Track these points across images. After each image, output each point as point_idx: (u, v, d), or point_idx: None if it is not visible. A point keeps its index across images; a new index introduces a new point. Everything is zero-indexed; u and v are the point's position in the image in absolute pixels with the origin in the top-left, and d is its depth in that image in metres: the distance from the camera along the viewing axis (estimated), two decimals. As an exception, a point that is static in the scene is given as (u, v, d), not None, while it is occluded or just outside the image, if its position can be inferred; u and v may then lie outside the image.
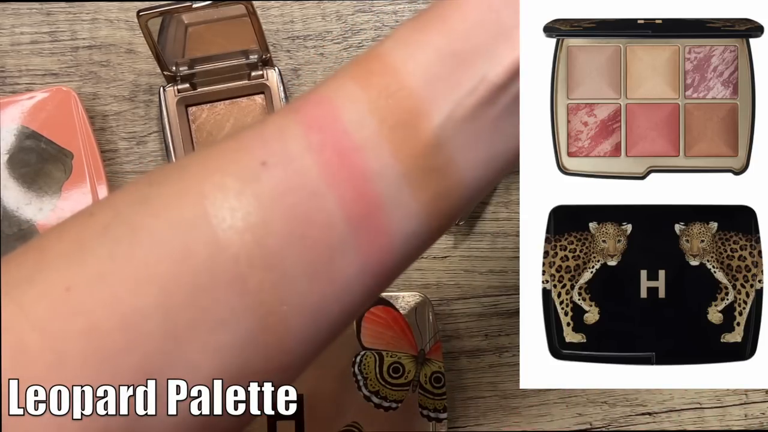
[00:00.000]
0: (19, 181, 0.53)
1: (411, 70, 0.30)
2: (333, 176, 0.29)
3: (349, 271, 0.30)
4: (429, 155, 0.29)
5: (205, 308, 0.28)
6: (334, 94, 0.30)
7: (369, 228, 0.29)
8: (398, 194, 0.29)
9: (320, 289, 0.29)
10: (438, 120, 0.29)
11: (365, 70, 0.30)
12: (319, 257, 0.29)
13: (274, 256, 0.29)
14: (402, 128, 0.29)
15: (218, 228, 0.28)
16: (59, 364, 0.27)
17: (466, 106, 0.30)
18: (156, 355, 0.28)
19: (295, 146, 0.29)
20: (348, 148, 0.29)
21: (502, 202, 0.56)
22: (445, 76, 0.29)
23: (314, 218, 0.29)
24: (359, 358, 0.53)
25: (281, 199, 0.29)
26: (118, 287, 0.28)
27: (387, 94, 0.29)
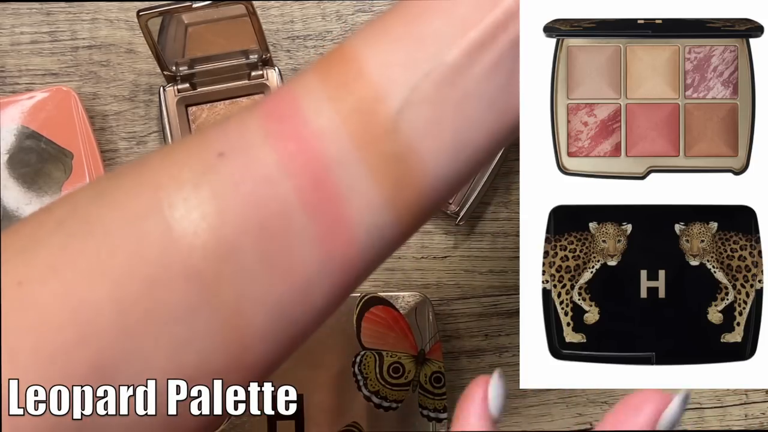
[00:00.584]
0: (19, 181, 0.53)
1: (369, 56, 0.29)
2: (290, 164, 0.28)
3: (311, 264, 0.29)
4: (388, 141, 0.29)
5: (159, 301, 0.27)
6: (295, 86, 0.30)
7: (328, 217, 0.29)
8: (358, 182, 0.29)
9: (280, 283, 0.29)
10: (395, 105, 0.29)
11: (326, 63, 0.30)
12: (279, 248, 0.28)
13: (230, 246, 0.28)
14: (359, 113, 0.29)
15: (172, 219, 0.28)
16: (10, 361, 0.26)
17: (423, 89, 0.29)
18: (109, 349, 0.27)
19: (254, 136, 0.29)
20: (306, 135, 0.29)
21: (502, 202, 0.56)
22: (402, 62, 0.29)
23: (271, 206, 0.28)
24: (359, 358, 0.53)
25: (237, 188, 0.28)
26: (70, 280, 0.27)
27: (345, 81, 0.29)
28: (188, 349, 0.28)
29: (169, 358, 0.28)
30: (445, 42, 0.29)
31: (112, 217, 0.28)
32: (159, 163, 0.29)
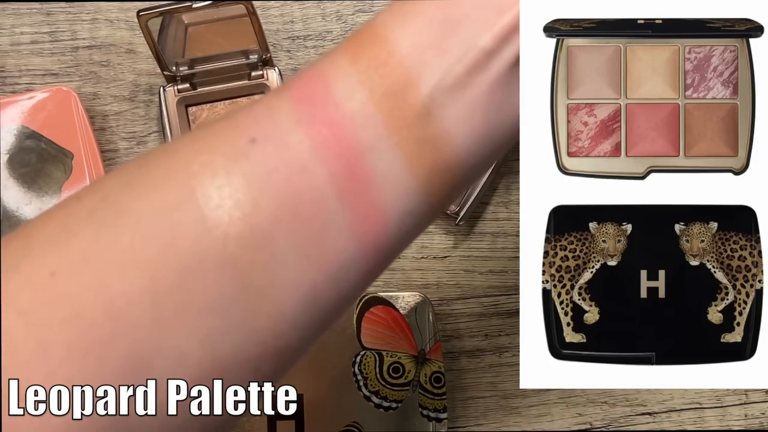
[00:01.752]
0: (19, 181, 0.53)
1: (401, 39, 0.29)
2: (323, 150, 0.28)
3: (343, 251, 0.29)
4: (421, 125, 0.29)
5: (193, 292, 0.27)
6: (325, 68, 0.30)
7: (362, 204, 0.28)
8: (391, 168, 0.29)
9: (313, 270, 0.28)
10: (427, 88, 0.29)
11: (356, 43, 0.30)
12: (311, 236, 0.28)
13: (263, 235, 0.28)
14: (392, 98, 0.29)
15: (205, 208, 0.27)
16: (43, 353, 0.26)
17: (456, 73, 0.29)
18: (143, 341, 0.27)
19: (285, 121, 0.29)
20: (338, 120, 0.28)
21: (502, 202, 0.56)
22: (435, 44, 0.29)
23: (305, 194, 0.28)
24: (359, 358, 0.53)
25: (270, 176, 0.28)
26: (104, 272, 0.27)
27: (376, 64, 0.29)
28: (223, 339, 0.28)
29: (204, 349, 0.28)
30: (478, 26, 0.29)
31: (144, 207, 0.28)
32: (188, 150, 0.29)
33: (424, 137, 0.29)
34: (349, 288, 0.30)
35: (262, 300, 0.28)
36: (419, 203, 0.29)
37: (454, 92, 0.29)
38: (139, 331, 0.27)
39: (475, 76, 0.29)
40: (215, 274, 0.27)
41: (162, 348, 0.27)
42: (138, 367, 0.27)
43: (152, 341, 0.27)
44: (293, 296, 0.28)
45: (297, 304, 0.29)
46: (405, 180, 0.29)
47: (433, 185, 0.29)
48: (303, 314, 0.29)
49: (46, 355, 0.26)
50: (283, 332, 0.29)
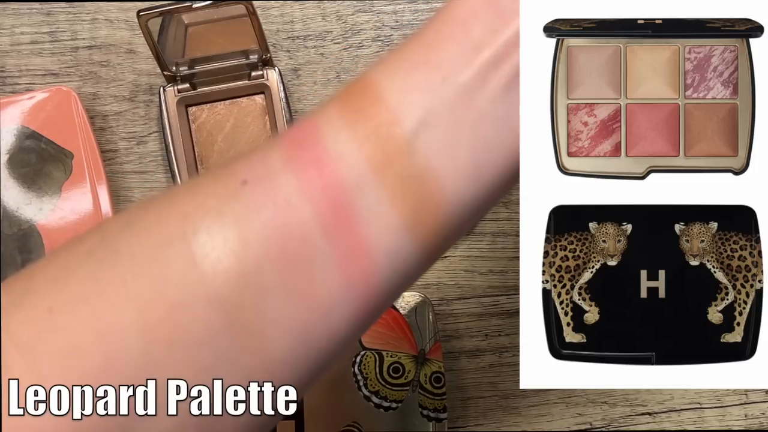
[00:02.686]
0: (19, 181, 0.53)
1: (386, 84, 0.30)
2: (309, 187, 0.29)
3: (331, 289, 0.29)
4: (405, 163, 0.29)
5: (182, 326, 0.28)
6: (316, 116, 0.31)
7: (347, 241, 0.29)
8: (376, 205, 0.29)
9: (301, 308, 0.29)
10: (411, 127, 0.29)
11: (346, 92, 0.31)
12: (299, 272, 0.29)
13: (251, 271, 0.28)
14: (376, 138, 0.29)
15: (195, 245, 0.28)
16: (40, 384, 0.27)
17: (438, 111, 0.29)
18: (135, 374, 0.28)
19: (275, 164, 0.30)
20: (325, 159, 0.29)
21: (502, 202, 0.56)
22: (418, 86, 0.30)
23: (292, 231, 0.29)
24: (359, 358, 0.53)
25: (259, 213, 0.29)
26: (98, 307, 0.28)
27: (362, 108, 0.30)
28: (212, 374, 0.28)
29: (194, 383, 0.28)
30: (458, 65, 0.30)
31: (138, 245, 0.29)
32: (186, 193, 0.30)
33: (409, 174, 0.29)
34: (340, 327, 0.30)
35: (249, 336, 0.29)
36: (406, 244, 0.30)
37: (437, 129, 0.29)
38: (131, 364, 0.28)
39: (457, 113, 0.29)
40: (204, 310, 0.28)
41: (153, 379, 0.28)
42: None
43: (144, 373, 0.28)
44: (282, 333, 0.29)
45: (286, 341, 0.29)
46: (390, 217, 0.29)
47: (420, 225, 0.30)
48: (293, 352, 0.29)
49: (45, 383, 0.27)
50: (272, 370, 0.29)
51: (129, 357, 0.28)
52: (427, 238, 0.30)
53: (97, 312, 0.28)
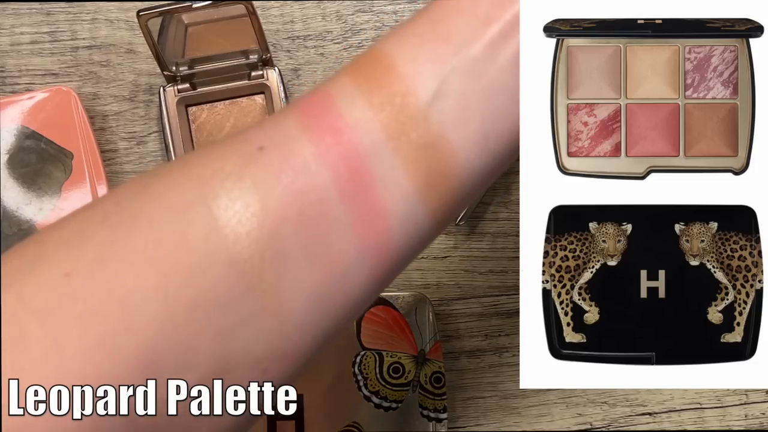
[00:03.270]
0: (19, 181, 0.53)
1: (398, 56, 0.31)
2: (327, 154, 0.30)
3: (347, 251, 0.30)
4: (419, 131, 0.30)
5: (204, 289, 0.28)
6: (328, 86, 0.31)
7: (363, 206, 0.30)
8: (391, 171, 0.30)
9: (319, 271, 0.30)
10: (425, 96, 0.30)
11: (357, 63, 0.31)
12: (317, 236, 0.29)
13: (271, 235, 0.29)
14: (390, 106, 0.30)
15: (215, 208, 0.29)
16: (57, 349, 0.27)
17: (451, 81, 0.30)
18: (156, 338, 0.28)
19: (291, 130, 0.30)
20: (340, 127, 0.30)
21: (502, 202, 0.56)
22: (429, 57, 0.30)
23: (310, 195, 0.29)
24: (359, 358, 0.53)
25: (277, 178, 0.29)
26: (117, 271, 0.28)
27: (375, 77, 0.30)
28: (232, 337, 0.29)
29: (215, 346, 0.29)
30: (468, 37, 0.30)
31: (156, 209, 0.29)
32: (201, 159, 0.30)
33: (423, 142, 0.30)
34: (355, 291, 0.31)
35: (269, 298, 0.29)
36: (419, 209, 0.31)
37: (449, 99, 0.30)
38: (151, 327, 0.28)
39: (469, 84, 0.30)
40: (225, 272, 0.28)
41: (173, 343, 0.28)
42: (149, 361, 0.28)
43: (164, 336, 0.28)
44: (299, 295, 0.29)
45: (303, 303, 0.30)
46: (404, 184, 0.30)
47: (432, 190, 0.30)
48: (309, 315, 0.30)
49: (59, 351, 0.27)
50: (290, 333, 0.30)
51: (150, 320, 0.28)
52: (438, 204, 0.31)
53: (116, 276, 0.28)
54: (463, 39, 0.30)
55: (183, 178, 0.30)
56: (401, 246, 0.31)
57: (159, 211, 0.29)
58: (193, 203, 0.29)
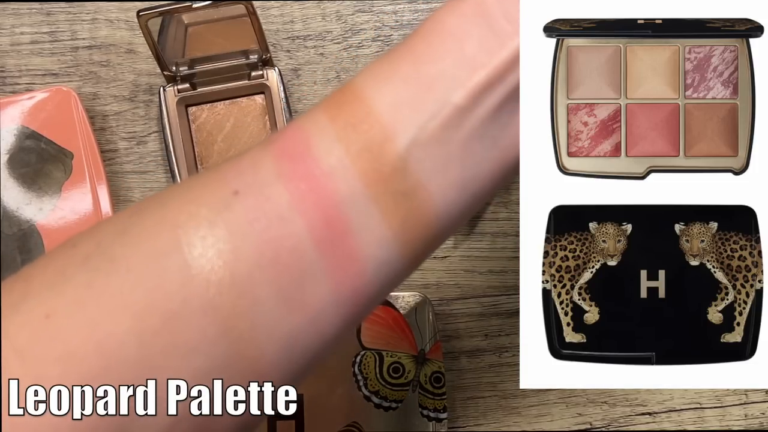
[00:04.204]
0: (19, 181, 0.53)
1: (377, 98, 0.30)
2: (302, 201, 0.29)
3: (322, 297, 0.30)
4: (396, 179, 0.30)
5: (178, 334, 0.28)
6: (305, 126, 0.31)
7: (339, 252, 0.30)
8: (367, 219, 0.30)
9: (293, 316, 0.30)
10: (403, 144, 0.30)
11: (336, 102, 0.31)
12: (291, 283, 0.29)
13: (244, 281, 0.29)
14: (368, 153, 0.30)
15: (189, 256, 0.29)
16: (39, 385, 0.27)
17: (430, 129, 0.30)
18: (131, 380, 0.28)
19: (266, 175, 0.30)
20: (317, 174, 0.30)
21: (502, 202, 0.56)
22: (410, 102, 0.30)
23: (284, 243, 0.29)
24: (359, 358, 0.53)
25: (251, 226, 0.29)
26: (95, 314, 0.28)
27: (354, 122, 0.30)
28: (205, 379, 0.29)
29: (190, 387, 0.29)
30: (452, 83, 0.30)
31: (133, 254, 0.29)
32: (177, 200, 0.31)
33: (400, 190, 0.30)
34: (329, 333, 0.31)
35: (244, 343, 0.29)
36: (395, 254, 0.31)
37: (429, 147, 0.30)
38: (127, 370, 0.28)
39: (449, 132, 0.30)
40: (199, 318, 0.29)
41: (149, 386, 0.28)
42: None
43: (139, 380, 0.28)
44: (273, 340, 0.30)
45: (277, 347, 0.30)
46: (381, 231, 0.30)
47: (408, 236, 0.30)
48: (283, 358, 0.30)
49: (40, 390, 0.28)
50: (265, 374, 0.30)
51: (126, 363, 0.28)
52: (414, 248, 0.31)
53: (94, 319, 0.28)
54: (447, 85, 0.30)
55: (160, 221, 0.30)
56: (375, 289, 0.31)
57: (136, 257, 0.29)
58: (168, 250, 0.29)
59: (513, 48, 0.30)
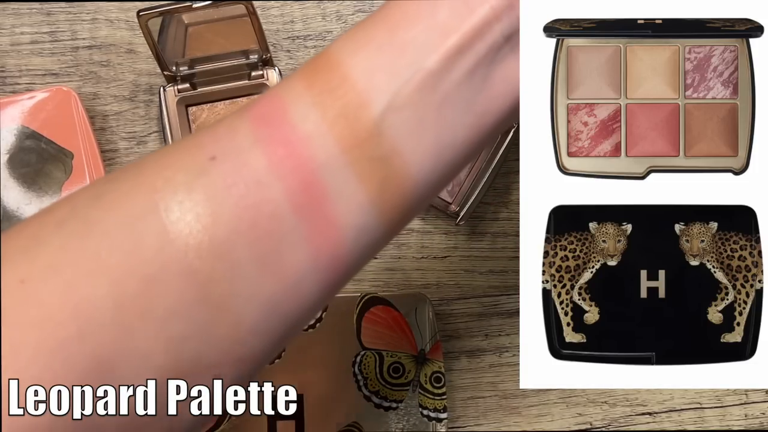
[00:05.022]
0: (19, 181, 0.53)
1: (353, 64, 0.30)
2: (279, 167, 0.29)
3: (300, 263, 0.30)
4: (372, 144, 0.30)
5: (155, 298, 0.28)
6: (282, 92, 0.31)
7: (316, 218, 0.30)
8: (344, 184, 0.30)
9: (271, 281, 0.30)
10: (378, 109, 0.30)
11: (312, 69, 0.31)
12: (269, 248, 0.29)
13: (222, 246, 0.29)
14: (344, 118, 0.30)
15: (167, 220, 0.29)
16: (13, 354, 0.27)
17: (404, 94, 0.30)
18: (108, 345, 0.28)
19: (243, 140, 0.30)
20: (294, 140, 0.30)
21: (502, 202, 0.56)
22: (385, 68, 0.30)
23: (262, 209, 0.29)
24: (359, 358, 0.53)
25: (229, 191, 0.29)
26: (71, 278, 0.28)
27: (330, 88, 0.30)
28: (185, 344, 0.29)
29: (167, 353, 0.29)
30: (425, 48, 0.30)
31: (110, 218, 0.29)
32: (154, 166, 0.30)
33: (376, 155, 0.30)
34: (308, 299, 0.31)
35: (221, 309, 0.29)
36: (373, 219, 0.31)
37: (403, 112, 0.30)
38: (104, 333, 0.28)
39: (423, 96, 0.30)
40: (176, 283, 0.29)
41: (126, 350, 0.28)
42: (103, 367, 0.28)
43: (117, 343, 0.28)
44: (252, 305, 0.30)
45: (256, 313, 0.30)
46: (358, 196, 0.30)
47: (385, 202, 0.31)
48: (263, 323, 0.30)
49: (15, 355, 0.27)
50: (244, 340, 0.30)
51: (102, 327, 0.28)
52: (391, 214, 0.31)
53: (69, 283, 0.28)
54: (420, 50, 0.30)
55: (136, 186, 0.30)
56: (354, 256, 0.31)
57: (112, 221, 0.29)
58: (145, 213, 0.29)
59: (483, 14, 0.30)
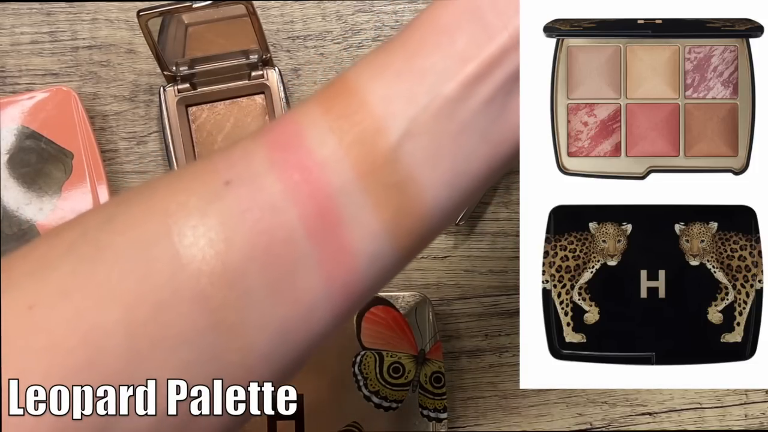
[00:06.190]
0: (19, 181, 0.53)
1: (370, 90, 0.30)
2: (295, 192, 0.29)
3: (313, 289, 0.30)
4: (388, 171, 0.30)
5: (167, 325, 0.28)
6: (298, 117, 0.31)
7: (331, 244, 0.29)
8: (359, 210, 0.30)
9: (284, 308, 0.29)
10: (395, 136, 0.30)
11: (329, 94, 0.31)
12: (282, 274, 0.29)
13: (235, 272, 0.29)
14: (361, 145, 0.30)
15: (180, 246, 0.28)
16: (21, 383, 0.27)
17: (422, 121, 0.30)
18: (119, 373, 0.28)
19: (258, 165, 0.30)
20: (310, 165, 0.29)
21: (502, 202, 0.56)
22: (402, 95, 0.30)
23: (276, 234, 0.29)
24: (359, 358, 0.53)
25: (243, 216, 0.29)
26: (81, 304, 0.28)
27: (347, 114, 0.30)
28: (194, 371, 0.29)
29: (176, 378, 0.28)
30: (443, 76, 0.30)
31: (121, 243, 0.29)
32: (167, 190, 0.30)
33: (392, 182, 0.30)
34: (320, 326, 0.30)
35: (233, 335, 0.29)
36: (387, 246, 0.30)
37: (420, 139, 0.30)
38: (114, 361, 0.28)
39: (440, 124, 0.30)
40: (188, 309, 0.28)
41: (137, 378, 0.28)
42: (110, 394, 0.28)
43: (127, 371, 0.28)
44: (264, 333, 0.29)
45: (267, 340, 0.29)
46: (373, 223, 0.30)
47: (400, 228, 0.30)
48: (274, 350, 0.30)
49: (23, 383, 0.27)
50: (254, 367, 0.30)
51: (113, 355, 0.28)
52: (405, 241, 0.31)
53: (79, 309, 0.28)
54: (438, 77, 0.30)
55: (148, 210, 0.29)
56: (367, 283, 0.31)
57: (124, 245, 0.29)
58: (158, 238, 0.29)
59: (501, 42, 0.30)
